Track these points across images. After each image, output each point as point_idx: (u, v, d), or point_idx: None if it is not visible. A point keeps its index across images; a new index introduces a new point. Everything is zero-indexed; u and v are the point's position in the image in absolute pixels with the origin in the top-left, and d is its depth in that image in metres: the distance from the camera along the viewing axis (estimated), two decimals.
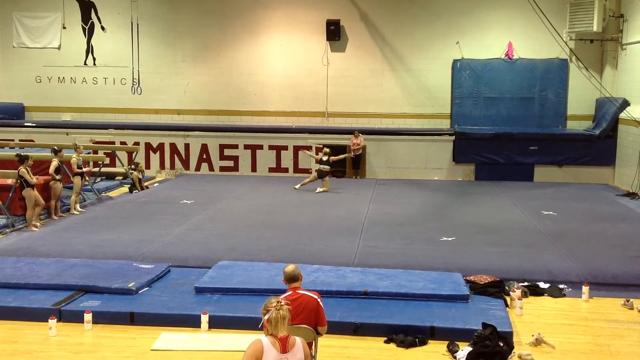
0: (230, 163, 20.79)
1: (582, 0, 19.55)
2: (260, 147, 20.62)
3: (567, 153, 19.56)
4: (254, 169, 20.71)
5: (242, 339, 7.56)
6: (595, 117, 20.33)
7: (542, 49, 20.45)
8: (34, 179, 12.83)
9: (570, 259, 10.71)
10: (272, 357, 4.44)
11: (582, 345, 7.73)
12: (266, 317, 4.59)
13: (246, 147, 20.60)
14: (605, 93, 19.27)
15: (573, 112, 20.78)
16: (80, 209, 14.61)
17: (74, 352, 7.43)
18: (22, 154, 13.31)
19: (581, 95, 20.53)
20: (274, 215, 14.30)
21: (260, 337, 4.58)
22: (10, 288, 9.02)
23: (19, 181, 12.83)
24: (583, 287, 9.32)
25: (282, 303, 4.65)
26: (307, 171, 20.21)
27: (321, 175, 17.58)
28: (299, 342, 4.67)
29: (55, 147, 14.41)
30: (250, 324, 7.68)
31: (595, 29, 19.25)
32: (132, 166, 18.41)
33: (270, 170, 20.60)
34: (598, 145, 19.39)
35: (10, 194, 13.07)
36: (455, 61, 21.06)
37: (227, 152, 20.76)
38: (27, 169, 12.76)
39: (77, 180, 14.54)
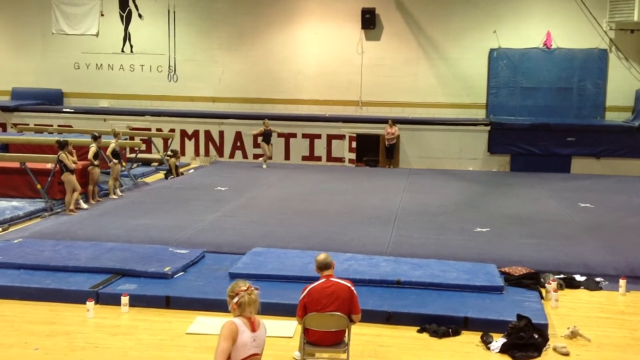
0: None
1: None
2: (294, 135, 20.66)
3: (606, 145, 19.18)
4: (287, 157, 20.76)
5: (275, 325, 7.63)
6: (635, 109, 19.93)
7: (581, 39, 20.08)
8: (72, 164, 13.09)
9: (607, 252, 10.55)
10: (246, 336, 4.63)
11: (619, 339, 7.63)
12: (235, 300, 4.70)
13: (279, 135, 20.65)
14: None
15: (612, 103, 20.41)
16: (120, 193, 14.88)
17: (110, 334, 7.57)
18: (62, 139, 13.59)
19: (620, 86, 20.14)
20: (307, 203, 14.33)
21: (232, 318, 4.70)
22: (49, 270, 9.21)
23: (58, 166, 13.10)
24: (620, 280, 9.19)
25: (253, 288, 4.78)
26: (340, 160, 20.27)
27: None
28: (262, 321, 4.85)
29: (96, 134, 14.68)
30: (283, 310, 7.82)
31: (636, 18, 18.85)
32: (170, 153, 18.62)
33: (304, 158, 20.62)
34: (637, 137, 18.98)
35: (49, 178, 13.34)
36: (492, 50, 20.80)
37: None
38: (66, 154, 13.04)
39: (114, 166, 14.78)
